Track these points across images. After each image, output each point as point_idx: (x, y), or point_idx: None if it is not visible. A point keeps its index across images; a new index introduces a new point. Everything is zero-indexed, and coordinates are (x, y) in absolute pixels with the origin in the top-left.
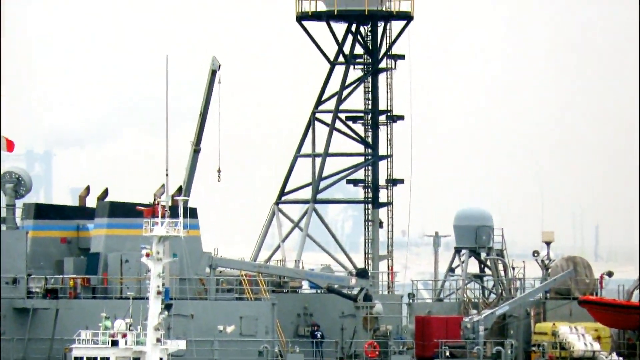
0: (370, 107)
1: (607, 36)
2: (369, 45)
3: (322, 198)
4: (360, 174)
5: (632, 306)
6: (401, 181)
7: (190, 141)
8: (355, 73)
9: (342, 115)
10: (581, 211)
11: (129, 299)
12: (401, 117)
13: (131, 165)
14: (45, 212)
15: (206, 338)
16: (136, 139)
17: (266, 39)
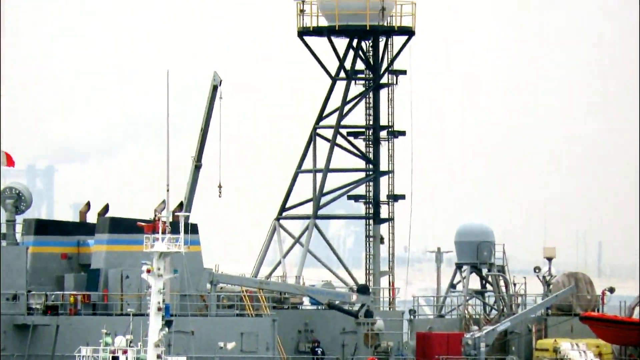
0: (371, 122)
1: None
2: (371, 60)
3: (323, 214)
4: (361, 190)
5: (633, 322)
6: (402, 197)
7: (191, 157)
8: (356, 88)
9: (344, 131)
10: (584, 227)
11: (129, 315)
12: (402, 133)
13: (133, 180)
14: (45, 228)
15: (207, 354)
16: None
17: (267, 54)
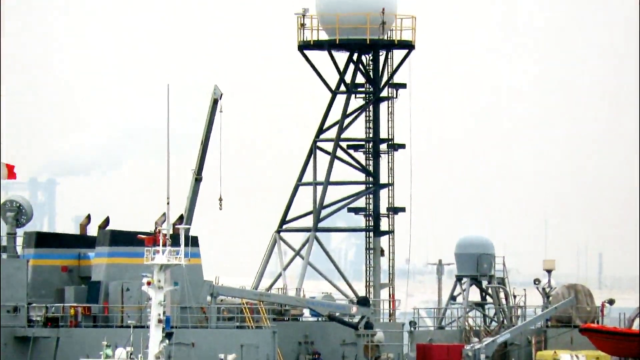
0: (371, 135)
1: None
2: (371, 74)
3: (323, 227)
4: (361, 202)
5: (633, 334)
6: (402, 209)
7: (191, 170)
8: (356, 102)
9: (344, 144)
10: (585, 239)
11: (130, 327)
12: (402, 146)
13: (134, 193)
14: (46, 240)
15: None
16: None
17: (268, 67)
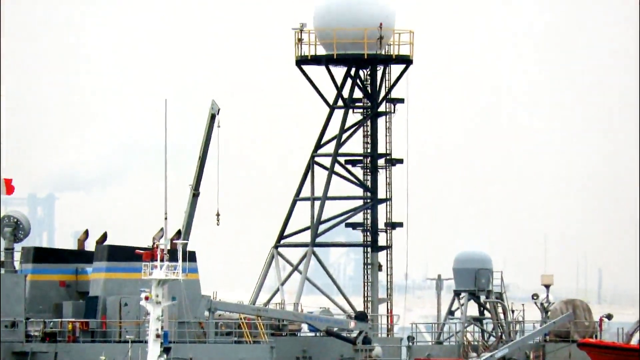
0: (369, 150)
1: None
2: (368, 89)
3: (321, 242)
4: (359, 217)
5: (631, 349)
6: (400, 224)
7: (189, 185)
8: (354, 117)
9: (341, 159)
10: (584, 254)
11: (128, 342)
12: (400, 161)
13: (132, 208)
14: (44, 255)
15: None
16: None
17: (265, 82)
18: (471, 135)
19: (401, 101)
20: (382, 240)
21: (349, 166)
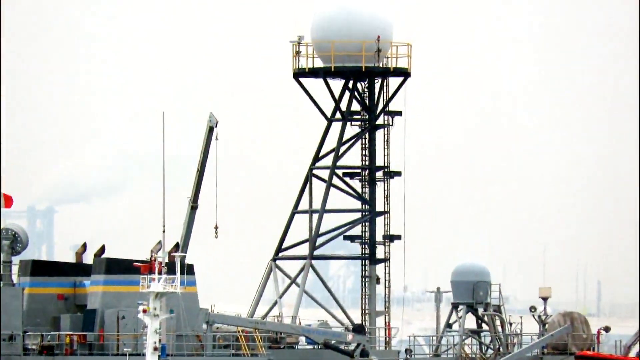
0: (367, 163)
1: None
2: (366, 101)
3: (319, 254)
4: (357, 230)
5: None
6: (398, 237)
7: (187, 198)
8: (352, 129)
9: (339, 172)
10: (583, 267)
11: (125, 355)
12: (398, 173)
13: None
14: (41, 269)
15: None
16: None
17: (263, 95)
18: (468, 147)
19: (399, 114)
20: (380, 252)
21: (347, 179)
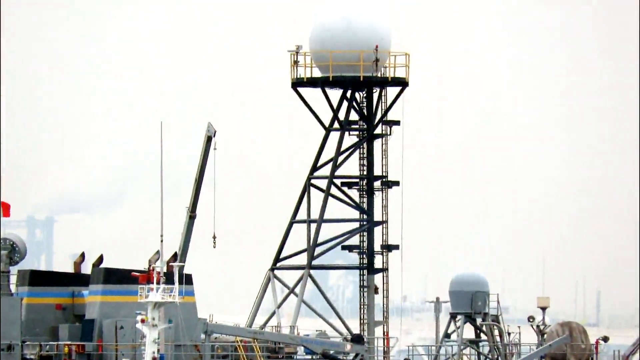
0: (365, 173)
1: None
2: (364, 111)
3: (317, 264)
4: (355, 240)
5: None
6: (396, 247)
7: (185, 207)
8: (350, 139)
9: (338, 181)
10: (583, 277)
11: None
12: (396, 183)
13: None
14: (40, 279)
15: None
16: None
17: (261, 105)
18: (465, 157)
19: (397, 123)
20: (378, 262)
21: (345, 188)
